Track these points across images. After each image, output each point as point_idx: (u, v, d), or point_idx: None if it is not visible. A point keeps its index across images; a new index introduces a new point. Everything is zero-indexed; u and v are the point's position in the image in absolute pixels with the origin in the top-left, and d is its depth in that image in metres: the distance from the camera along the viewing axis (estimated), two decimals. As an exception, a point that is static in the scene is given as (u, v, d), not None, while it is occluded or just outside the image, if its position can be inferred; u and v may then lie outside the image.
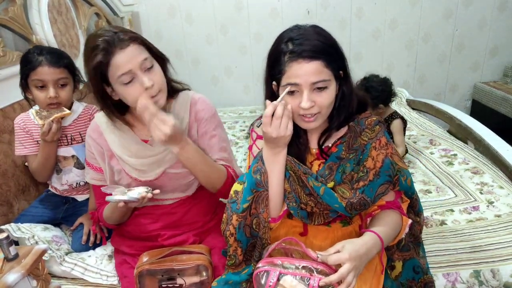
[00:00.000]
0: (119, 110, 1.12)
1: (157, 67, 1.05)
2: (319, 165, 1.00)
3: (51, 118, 1.31)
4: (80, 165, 1.49)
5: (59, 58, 1.35)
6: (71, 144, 1.46)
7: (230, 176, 1.16)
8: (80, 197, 1.55)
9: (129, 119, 1.15)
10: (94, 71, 0.99)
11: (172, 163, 1.14)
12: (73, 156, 1.47)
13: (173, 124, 0.97)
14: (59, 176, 1.50)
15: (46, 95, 1.33)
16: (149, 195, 1.05)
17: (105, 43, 0.97)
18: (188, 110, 1.16)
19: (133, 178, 1.14)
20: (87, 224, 1.40)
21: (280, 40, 0.90)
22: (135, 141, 1.14)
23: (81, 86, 1.49)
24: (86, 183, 1.51)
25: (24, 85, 1.36)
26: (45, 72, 1.31)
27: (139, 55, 0.99)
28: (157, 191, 1.07)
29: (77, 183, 1.52)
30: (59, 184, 1.52)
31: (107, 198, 1.04)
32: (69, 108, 1.42)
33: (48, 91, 1.33)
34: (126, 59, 0.97)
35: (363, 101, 1.02)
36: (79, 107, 1.47)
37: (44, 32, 1.84)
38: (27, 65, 1.32)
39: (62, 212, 1.53)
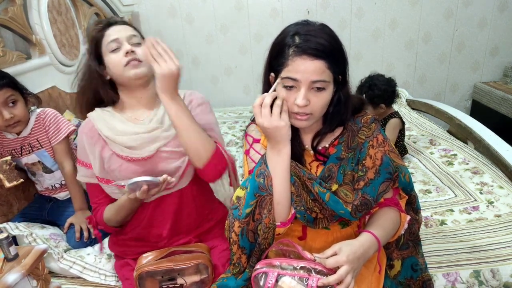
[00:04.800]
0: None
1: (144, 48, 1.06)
2: (317, 167, 1.00)
3: (5, 185, 1.29)
4: (47, 170, 1.52)
5: None
6: (33, 151, 1.49)
7: (218, 150, 1.11)
8: (60, 196, 1.59)
9: (118, 107, 1.19)
10: (90, 44, 1.15)
11: (167, 140, 1.13)
12: (38, 161, 1.50)
13: (180, 65, 1.03)
14: (36, 178, 1.55)
15: (1, 119, 1.34)
16: (169, 178, 1.05)
17: (104, 21, 1.16)
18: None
19: (124, 158, 1.11)
20: (77, 223, 1.43)
21: (287, 33, 0.89)
22: (123, 121, 1.14)
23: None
24: (61, 184, 1.57)
25: None
26: None
27: (129, 31, 1.15)
28: (173, 178, 1.08)
29: (52, 186, 1.56)
30: (40, 186, 1.57)
31: (129, 182, 1.01)
32: (27, 122, 1.44)
33: (2, 114, 1.33)
34: (116, 30, 1.13)
35: (357, 107, 1.01)
36: (32, 116, 1.47)
37: (44, 32, 1.84)
38: None
39: (47, 210, 1.56)
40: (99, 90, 1.16)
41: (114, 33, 1.12)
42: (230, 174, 1.17)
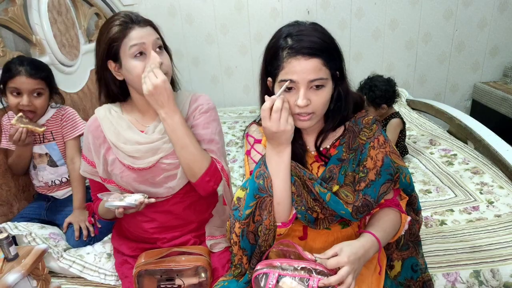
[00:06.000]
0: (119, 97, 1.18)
1: (165, 53, 1.12)
2: (319, 168, 1.00)
3: (21, 125, 1.38)
4: (53, 163, 1.56)
5: (37, 70, 1.43)
6: (44, 142, 1.54)
7: (214, 166, 1.11)
8: (58, 195, 1.60)
9: (128, 106, 1.19)
10: (106, 44, 1.05)
11: (167, 153, 1.12)
12: (46, 153, 1.54)
13: (164, 78, 1.01)
14: (35, 172, 1.57)
15: (19, 102, 1.42)
16: (146, 200, 1.06)
17: (126, 17, 1.07)
18: (188, 104, 1.18)
19: (126, 166, 1.13)
20: (76, 222, 1.45)
21: (279, 35, 0.89)
22: (130, 129, 1.14)
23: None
24: (61, 182, 1.58)
25: (2, 90, 1.45)
26: (22, 81, 1.40)
27: (154, 35, 1.08)
28: (152, 199, 1.08)
29: (52, 182, 1.57)
30: (37, 181, 1.58)
31: (106, 204, 1.04)
32: (40, 116, 1.51)
33: (22, 98, 1.41)
34: (142, 34, 1.05)
35: (358, 102, 1.01)
36: (52, 109, 1.56)
37: (44, 32, 1.84)
38: (7, 73, 1.41)
39: (46, 210, 1.58)
40: (110, 86, 1.14)
41: (138, 37, 1.04)
42: (225, 190, 1.17)
